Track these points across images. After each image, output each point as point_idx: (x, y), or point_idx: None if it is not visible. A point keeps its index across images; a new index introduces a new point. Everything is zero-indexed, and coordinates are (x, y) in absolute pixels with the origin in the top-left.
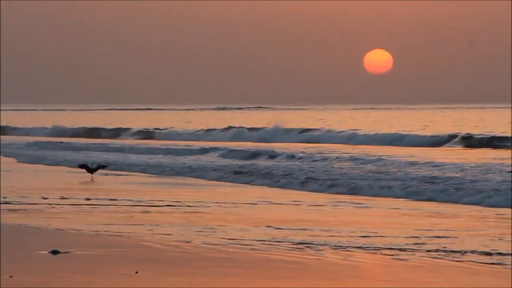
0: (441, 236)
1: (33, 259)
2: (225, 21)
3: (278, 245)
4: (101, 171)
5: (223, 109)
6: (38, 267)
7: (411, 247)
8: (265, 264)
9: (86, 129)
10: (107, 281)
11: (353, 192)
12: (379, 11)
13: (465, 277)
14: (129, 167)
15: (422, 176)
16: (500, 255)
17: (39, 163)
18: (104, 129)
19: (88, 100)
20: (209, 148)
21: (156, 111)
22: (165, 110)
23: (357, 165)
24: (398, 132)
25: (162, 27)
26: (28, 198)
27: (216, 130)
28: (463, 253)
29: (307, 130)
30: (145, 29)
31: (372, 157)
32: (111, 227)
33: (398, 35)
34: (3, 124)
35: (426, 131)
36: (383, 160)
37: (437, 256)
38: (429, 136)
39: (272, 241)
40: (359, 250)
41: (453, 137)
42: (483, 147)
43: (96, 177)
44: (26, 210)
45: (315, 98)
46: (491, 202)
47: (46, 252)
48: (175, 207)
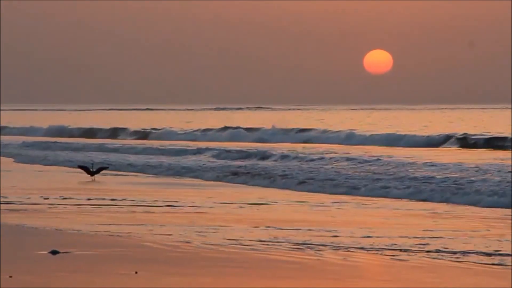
0: (441, 237)
1: (32, 259)
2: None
3: (278, 246)
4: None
5: (223, 109)
6: (37, 267)
7: (411, 247)
8: (265, 264)
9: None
10: (107, 281)
11: (352, 193)
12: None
13: (466, 277)
14: (126, 167)
15: (421, 177)
16: (501, 255)
17: (37, 163)
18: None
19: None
20: (205, 149)
21: (156, 111)
22: (165, 110)
23: (356, 166)
24: (397, 133)
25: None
26: (27, 198)
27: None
28: (463, 253)
29: (305, 130)
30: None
31: (371, 157)
32: (111, 227)
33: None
34: (2, 124)
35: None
36: (382, 160)
37: (437, 256)
38: (428, 137)
39: (271, 241)
40: (359, 250)
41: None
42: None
43: (95, 177)
44: (26, 210)
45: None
46: (491, 203)
47: (45, 252)
48: (174, 207)
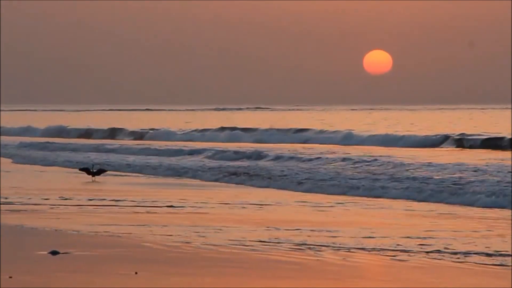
0: (441, 237)
1: (32, 259)
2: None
3: (278, 246)
4: None
5: (223, 109)
6: (37, 267)
7: (411, 247)
8: (265, 265)
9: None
10: (106, 282)
11: (351, 193)
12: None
13: (466, 277)
14: (125, 167)
15: (420, 177)
16: (501, 256)
17: (35, 164)
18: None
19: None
20: (203, 149)
21: (155, 111)
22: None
23: (355, 166)
24: (395, 133)
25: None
26: (27, 198)
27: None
28: (463, 254)
29: (303, 131)
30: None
31: (370, 157)
32: (111, 227)
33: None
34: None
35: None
36: (380, 160)
37: (436, 257)
38: (426, 137)
39: (271, 241)
40: (359, 250)
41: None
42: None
43: (95, 177)
44: (26, 210)
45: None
46: (490, 203)
47: (45, 252)
48: (174, 207)
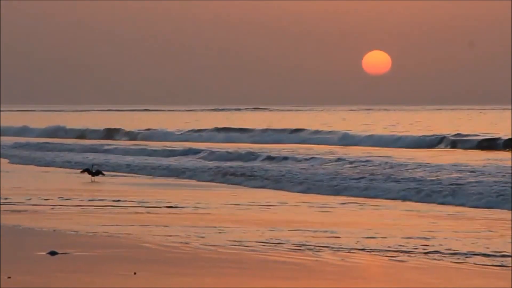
0: (440, 238)
1: (31, 260)
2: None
3: (277, 246)
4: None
5: (222, 110)
6: (36, 268)
7: (410, 248)
8: (264, 265)
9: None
10: (105, 282)
11: (349, 193)
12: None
13: (465, 278)
14: (121, 168)
15: (418, 178)
16: (501, 256)
17: (32, 164)
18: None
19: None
20: (199, 150)
21: (154, 112)
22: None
23: (351, 166)
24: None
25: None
26: (25, 199)
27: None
28: (462, 254)
29: (300, 131)
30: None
31: (367, 158)
32: (110, 228)
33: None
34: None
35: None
36: (379, 161)
37: (436, 257)
38: (424, 137)
39: (270, 242)
40: (358, 251)
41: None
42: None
43: (95, 178)
44: (24, 211)
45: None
46: (489, 204)
47: (44, 253)
48: (173, 208)
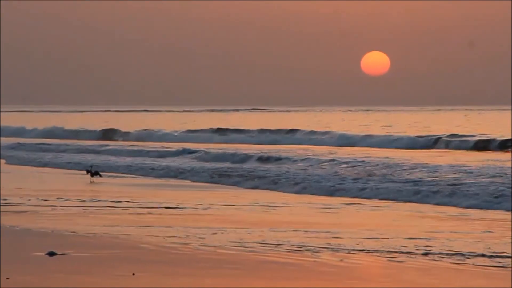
0: (439, 238)
1: (29, 260)
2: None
3: (275, 247)
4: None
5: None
6: (34, 268)
7: (409, 249)
8: (263, 266)
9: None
10: (103, 283)
11: (347, 194)
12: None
13: (464, 279)
14: (119, 168)
15: (416, 178)
16: (500, 257)
17: (29, 165)
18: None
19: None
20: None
21: (152, 112)
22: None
23: (351, 167)
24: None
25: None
26: (23, 199)
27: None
28: (462, 255)
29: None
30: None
31: (364, 159)
32: (108, 228)
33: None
34: None
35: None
36: (375, 162)
37: (435, 258)
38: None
39: (269, 243)
40: (357, 252)
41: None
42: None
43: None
44: (23, 211)
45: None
46: (488, 205)
47: (42, 253)
48: (171, 208)
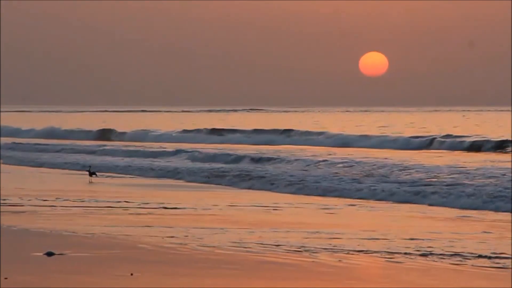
0: (437, 239)
1: (28, 261)
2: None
3: (274, 248)
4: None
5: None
6: (33, 268)
7: (407, 250)
8: (261, 266)
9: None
10: (102, 283)
11: (346, 195)
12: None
13: (463, 279)
14: (116, 169)
15: (413, 179)
16: (499, 258)
17: (25, 165)
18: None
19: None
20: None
21: (150, 112)
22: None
23: (346, 167)
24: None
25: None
26: (21, 199)
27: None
28: (460, 255)
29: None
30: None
31: (361, 159)
32: (107, 228)
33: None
34: None
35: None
36: (372, 162)
37: (433, 259)
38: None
39: (268, 243)
40: (355, 252)
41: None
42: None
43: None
44: (21, 211)
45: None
46: (485, 205)
47: (41, 254)
48: (169, 209)
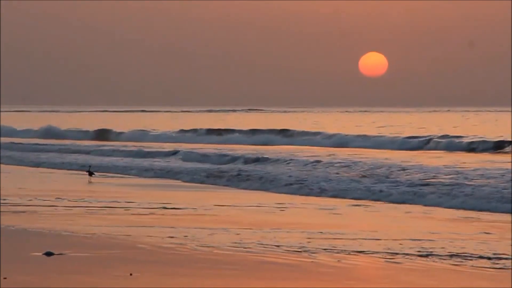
0: (436, 239)
1: (27, 260)
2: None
3: (274, 248)
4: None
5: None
6: (32, 268)
7: (406, 250)
8: (261, 267)
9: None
10: (101, 283)
11: (345, 196)
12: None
13: (462, 280)
14: (114, 169)
15: (413, 179)
16: (499, 259)
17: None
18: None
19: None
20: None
21: (149, 113)
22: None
23: (344, 167)
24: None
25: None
26: (20, 199)
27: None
28: (459, 256)
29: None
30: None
31: (358, 159)
32: (106, 229)
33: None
34: None
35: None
36: (369, 162)
37: (433, 259)
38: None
39: (267, 243)
40: (354, 253)
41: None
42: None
43: (91, 178)
44: (20, 211)
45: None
46: (484, 206)
47: (40, 253)
48: (168, 209)
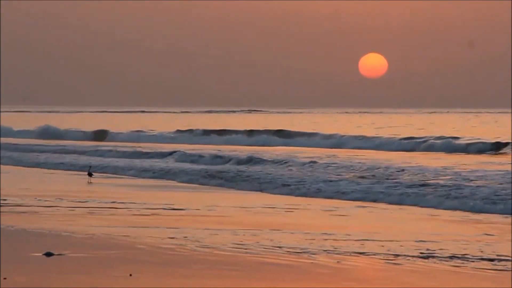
0: (437, 241)
1: (27, 261)
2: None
3: (273, 249)
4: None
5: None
6: (32, 269)
7: (406, 251)
8: (261, 268)
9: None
10: (101, 284)
11: (343, 197)
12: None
13: (463, 281)
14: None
15: (415, 180)
16: (499, 260)
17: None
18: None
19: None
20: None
21: (148, 113)
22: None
23: (346, 169)
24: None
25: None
26: (20, 200)
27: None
28: (460, 257)
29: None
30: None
31: (356, 161)
32: (106, 229)
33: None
34: None
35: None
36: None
37: (434, 261)
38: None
39: (267, 244)
40: (354, 254)
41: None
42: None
43: (91, 179)
44: (20, 212)
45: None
46: (483, 208)
47: (40, 254)
48: (168, 210)
